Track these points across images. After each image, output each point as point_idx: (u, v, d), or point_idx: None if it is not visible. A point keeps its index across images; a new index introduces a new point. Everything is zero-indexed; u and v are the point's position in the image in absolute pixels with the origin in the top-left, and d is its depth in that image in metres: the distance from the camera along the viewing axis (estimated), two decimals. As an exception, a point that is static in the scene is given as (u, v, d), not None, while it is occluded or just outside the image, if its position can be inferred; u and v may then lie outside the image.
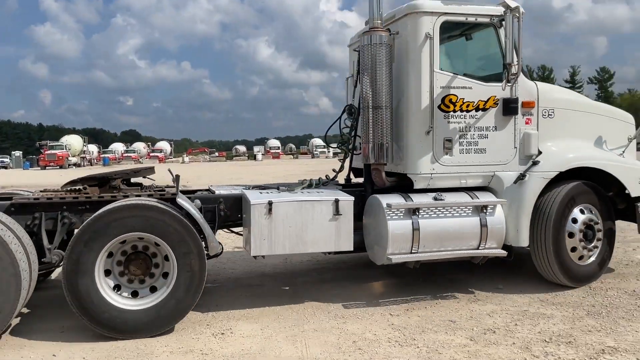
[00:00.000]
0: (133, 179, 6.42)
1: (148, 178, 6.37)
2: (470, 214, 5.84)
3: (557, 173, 6.04)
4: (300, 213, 5.44)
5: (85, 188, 5.69)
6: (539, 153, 6.12)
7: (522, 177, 5.98)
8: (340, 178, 6.94)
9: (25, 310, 5.66)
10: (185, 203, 5.29)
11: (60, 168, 49.22)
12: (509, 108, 6.01)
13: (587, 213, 6.17)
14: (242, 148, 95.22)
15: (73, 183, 5.94)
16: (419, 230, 5.62)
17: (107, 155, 64.21)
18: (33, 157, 60.64)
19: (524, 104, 6.11)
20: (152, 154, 76.48)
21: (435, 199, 5.80)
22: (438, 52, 5.81)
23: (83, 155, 61.38)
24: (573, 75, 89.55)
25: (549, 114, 6.29)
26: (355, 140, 6.59)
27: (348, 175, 7.28)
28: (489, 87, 6.00)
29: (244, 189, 5.98)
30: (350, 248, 5.65)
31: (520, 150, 6.12)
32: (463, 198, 5.91)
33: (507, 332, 4.90)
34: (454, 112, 5.89)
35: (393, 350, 4.51)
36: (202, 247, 5.10)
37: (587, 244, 6.15)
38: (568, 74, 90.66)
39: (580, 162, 6.20)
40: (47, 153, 53.01)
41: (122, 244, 5.04)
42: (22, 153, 67.44)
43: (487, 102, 5.98)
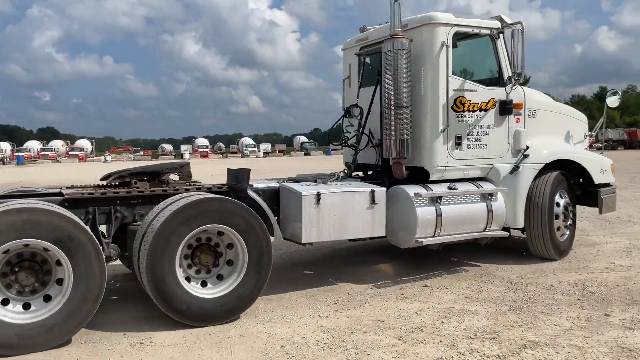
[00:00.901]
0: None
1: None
2: (479, 201, 6.76)
3: (544, 164, 7.15)
4: (344, 203, 5.99)
5: (136, 182, 5.80)
6: (527, 147, 7.16)
7: (516, 168, 6.99)
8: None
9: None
10: (255, 195, 5.64)
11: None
12: (505, 109, 6.98)
13: (564, 197, 7.38)
14: (168, 147, 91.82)
15: (110, 176, 6.02)
16: (441, 216, 6.42)
17: (21, 154, 59.05)
18: None
19: (516, 105, 7.11)
20: (71, 153, 71.89)
21: (450, 189, 6.63)
22: (452, 59, 6.62)
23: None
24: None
25: (532, 114, 7.37)
26: (362, 139, 7.21)
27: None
28: (490, 90, 6.93)
29: (280, 182, 6.40)
30: (383, 233, 6.31)
31: (512, 145, 7.11)
32: (471, 187, 6.80)
33: (434, 329, 4.94)
34: (463, 112, 6.74)
35: (322, 354, 4.45)
36: (269, 236, 5.49)
37: (565, 223, 7.36)
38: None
39: (561, 155, 7.38)
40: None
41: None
42: None
43: (488, 103, 6.90)
